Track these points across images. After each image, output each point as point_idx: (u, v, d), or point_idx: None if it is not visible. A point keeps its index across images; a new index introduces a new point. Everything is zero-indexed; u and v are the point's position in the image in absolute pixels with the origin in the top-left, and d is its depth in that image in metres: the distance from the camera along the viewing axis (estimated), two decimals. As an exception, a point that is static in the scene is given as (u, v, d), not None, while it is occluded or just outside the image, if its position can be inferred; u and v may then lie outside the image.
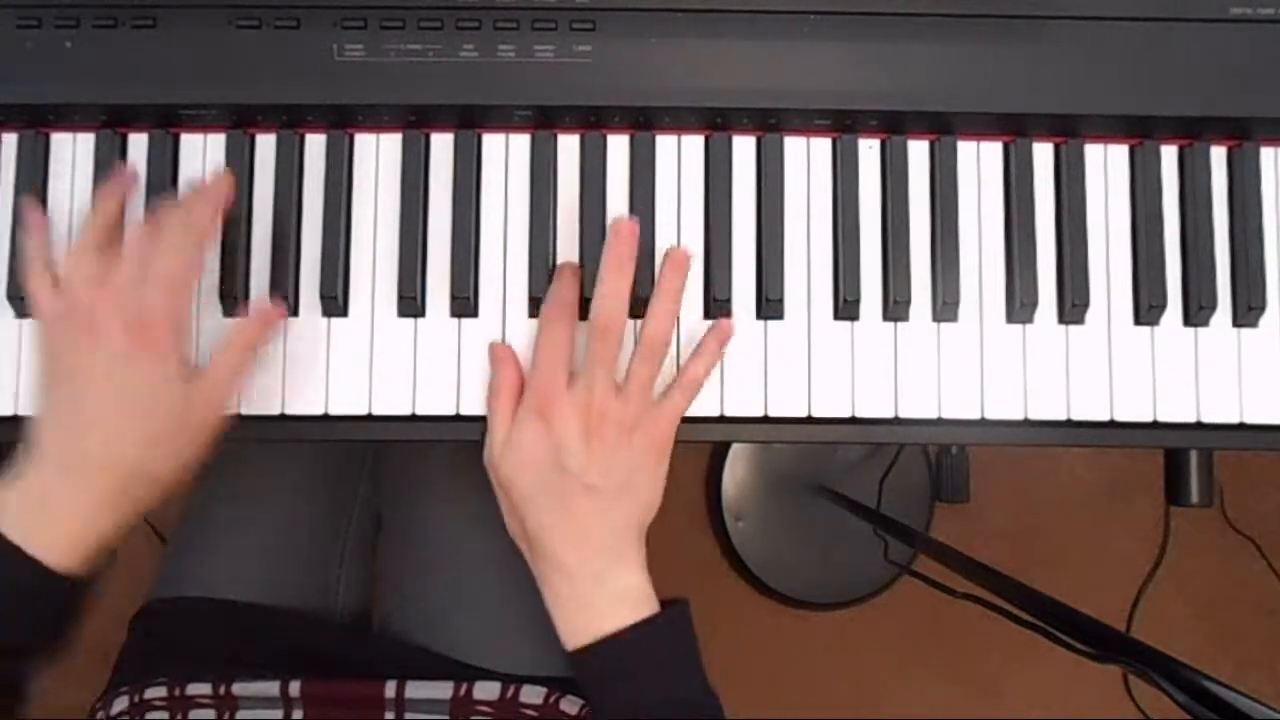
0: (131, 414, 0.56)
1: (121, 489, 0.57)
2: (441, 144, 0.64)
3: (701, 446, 1.51)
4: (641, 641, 0.59)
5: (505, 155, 0.65)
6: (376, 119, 0.64)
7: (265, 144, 0.64)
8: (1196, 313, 0.64)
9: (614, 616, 0.59)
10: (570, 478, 0.58)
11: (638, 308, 0.61)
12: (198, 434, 0.59)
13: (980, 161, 0.66)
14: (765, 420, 0.64)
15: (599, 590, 0.59)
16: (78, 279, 0.57)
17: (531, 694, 0.73)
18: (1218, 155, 0.66)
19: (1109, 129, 0.65)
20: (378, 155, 0.64)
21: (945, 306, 0.64)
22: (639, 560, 0.61)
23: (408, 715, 0.72)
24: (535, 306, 0.63)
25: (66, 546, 0.55)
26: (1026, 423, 0.64)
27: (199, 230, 0.59)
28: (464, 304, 0.63)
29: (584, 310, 0.61)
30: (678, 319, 0.62)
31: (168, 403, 0.57)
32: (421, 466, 0.85)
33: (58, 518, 0.55)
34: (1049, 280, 0.65)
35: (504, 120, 0.64)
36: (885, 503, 1.45)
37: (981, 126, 0.65)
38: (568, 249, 0.64)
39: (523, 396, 0.60)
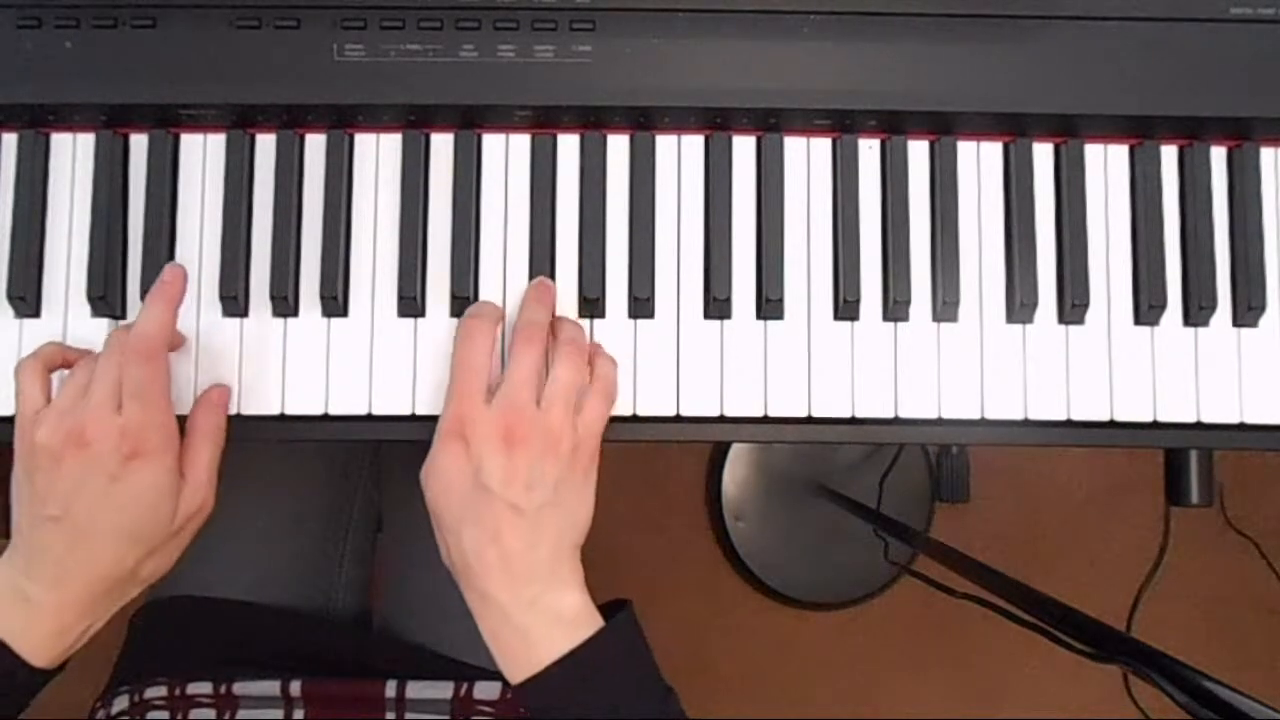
0: (124, 527, 0.56)
1: (107, 592, 0.57)
2: (441, 144, 0.64)
3: (701, 446, 1.51)
4: (583, 665, 0.55)
5: (505, 155, 0.65)
6: (376, 119, 0.64)
7: (265, 144, 0.64)
8: (1196, 313, 0.64)
9: (552, 644, 0.55)
10: (492, 498, 0.55)
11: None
12: (184, 537, 0.59)
13: (980, 161, 0.66)
14: (765, 420, 0.64)
15: (533, 617, 0.55)
16: (66, 394, 0.56)
17: (532, 694, 0.73)
18: (1218, 155, 0.66)
19: (1109, 129, 0.65)
20: (378, 155, 0.64)
21: (945, 306, 0.64)
22: (575, 580, 0.57)
23: (408, 715, 0.72)
24: (535, 306, 0.63)
25: (43, 643, 0.55)
26: (1026, 423, 0.64)
27: (164, 334, 0.57)
28: (464, 304, 0.63)
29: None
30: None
31: (159, 513, 0.57)
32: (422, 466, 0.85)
33: (40, 617, 0.55)
34: (1049, 280, 0.65)
35: (504, 120, 0.64)
36: (885, 503, 1.45)
37: (981, 126, 0.65)
38: (568, 249, 0.64)
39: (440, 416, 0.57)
